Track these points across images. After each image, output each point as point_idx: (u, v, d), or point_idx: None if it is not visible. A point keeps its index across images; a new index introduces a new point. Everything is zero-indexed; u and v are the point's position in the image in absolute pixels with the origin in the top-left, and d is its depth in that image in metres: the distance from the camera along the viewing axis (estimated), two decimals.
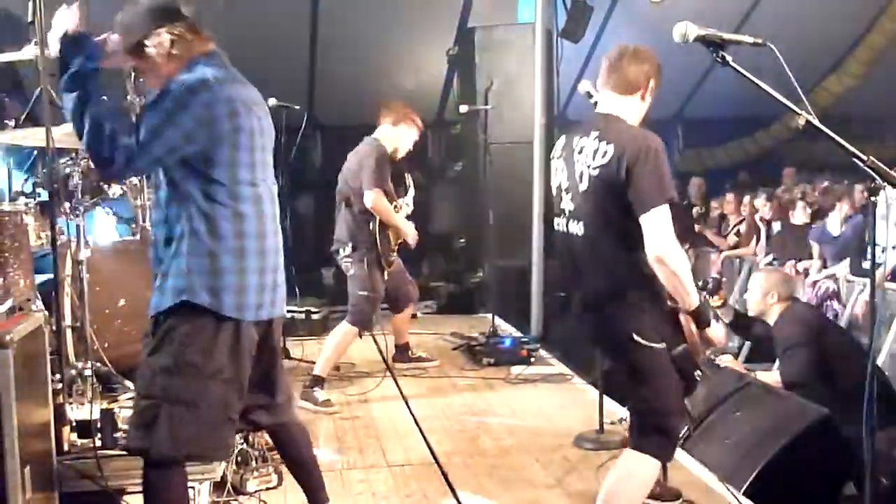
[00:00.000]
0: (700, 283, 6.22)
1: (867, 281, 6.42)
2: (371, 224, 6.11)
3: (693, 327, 3.41)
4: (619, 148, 3.35)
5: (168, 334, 3.12)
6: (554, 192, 3.72)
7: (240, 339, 3.18)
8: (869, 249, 5.27)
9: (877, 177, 2.83)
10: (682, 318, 3.41)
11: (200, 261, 3.08)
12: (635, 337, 3.39)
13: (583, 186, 3.48)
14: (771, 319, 5.96)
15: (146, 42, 3.13)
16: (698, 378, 3.42)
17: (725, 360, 6.30)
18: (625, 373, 3.58)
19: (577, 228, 3.54)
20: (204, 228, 3.08)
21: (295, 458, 3.69)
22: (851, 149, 2.86)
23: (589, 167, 3.44)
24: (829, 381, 5.60)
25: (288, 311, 7.54)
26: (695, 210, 12.23)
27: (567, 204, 3.59)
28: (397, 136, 6.35)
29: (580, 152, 3.51)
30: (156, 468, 3.19)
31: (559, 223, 3.69)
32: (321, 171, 12.90)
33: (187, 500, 3.33)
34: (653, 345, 3.38)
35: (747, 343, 7.66)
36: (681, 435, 3.59)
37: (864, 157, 2.83)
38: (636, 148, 3.33)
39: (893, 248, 7.26)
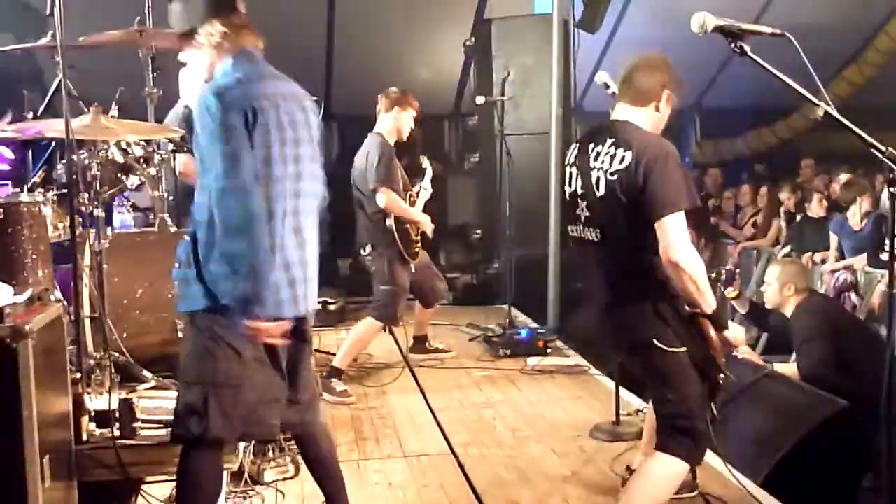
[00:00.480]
0: (714, 274, 6.22)
1: (885, 272, 6.38)
2: (388, 222, 6.10)
3: (712, 330, 3.40)
4: (637, 153, 3.34)
5: (207, 327, 3.21)
6: (568, 198, 3.70)
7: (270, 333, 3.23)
8: (887, 241, 5.25)
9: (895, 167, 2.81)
10: (701, 321, 3.40)
11: (243, 263, 3.10)
12: (656, 342, 3.39)
13: (599, 192, 3.46)
14: (788, 311, 5.94)
15: (200, 31, 3.23)
16: (721, 381, 3.40)
17: (743, 352, 6.28)
18: (648, 377, 3.58)
19: (593, 235, 3.53)
20: None
21: (315, 458, 3.70)
22: (870, 139, 2.85)
23: (606, 172, 3.43)
24: (848, 373, 5.57)
25: None
26: (711, 202, 12.18)
27: (583, 210, 3.58)
28: (395, 121, 6.33)
29: (596, 158, 3.50)
30: (198, 453, 3.27)
31: (574, 230, 3.68)
32: (338, 162, 12.90)
33: (221, 486, 3.43)
34: (674, 349, 3.38)
35: (764, 335, 7.62)
36: (710, 438, 3.57)
37: (883, 148, 2.81)
38: (654, 154, 3.33)
39: None
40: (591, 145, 3.55)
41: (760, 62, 2.93)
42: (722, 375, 3.40)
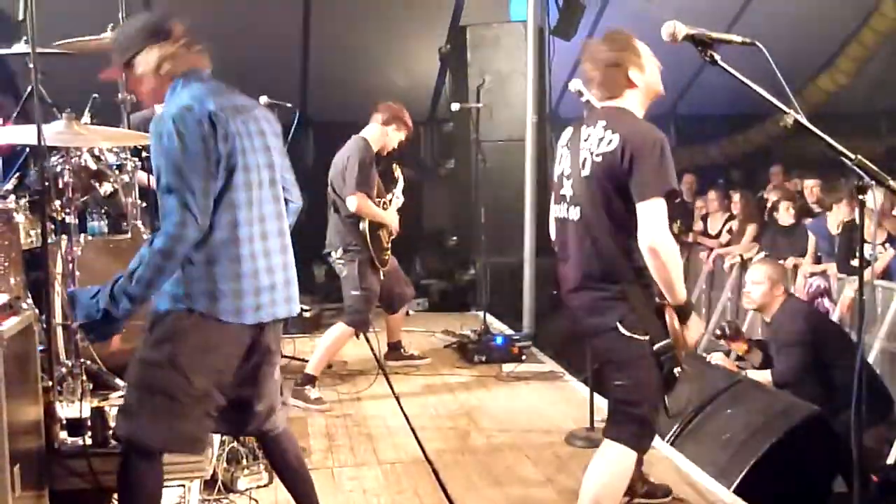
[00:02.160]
0: (718, 332, 6.21)
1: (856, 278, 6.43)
2: (361, 226, 6.10)
3: (676, 323, 3.42)
4: (625, 137, 3.37)
5: (163, 332, 3.21)
6: (555, 179, 3.73)
7: (230, 339, 3.25)
8: (857, 247, 5.29)
9: (865, 175, 2.84)
10: (667, 312, 3.42)
11: (197, 269, 3.16)
12: (619, 327, 3.41)
13: (584, 172, 3.48)
14: (769, 313, 5.97)
15: (136, 59, 3.25)
16: (677, 375, 3.42)
17: (717, 358, 6.31)
18: (606, 361, 3.60)
19: (574, 214, 3.55)
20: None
21: (282, 466, 3.69)
22: (839, 147, 2.87)
23: (592, 153, 3.45)
24: (823, 378, 5.62)
25: None
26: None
27: (567, 190, 3.60)
28: (385, 135, 6.34)
29: (586, 140, 3.52)
30: (134, 457, 3.27)
31: (558, 210, 3.70)
32: (313, 168, 12.88)
33: (159, 496, 3.36)
34: (636, 336, 3.39)
35: None
36: (656, 426, 3.59)
37: (852, 156, 2.84)
38: (641, 139, 3.36)
39: (882, 245, 7.28)
40: (584, 127, 3.58)
41: (731, 71, 2.95)
42: (679, 369, 3.41)
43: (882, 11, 12.68)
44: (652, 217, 3.29)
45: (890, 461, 5.55)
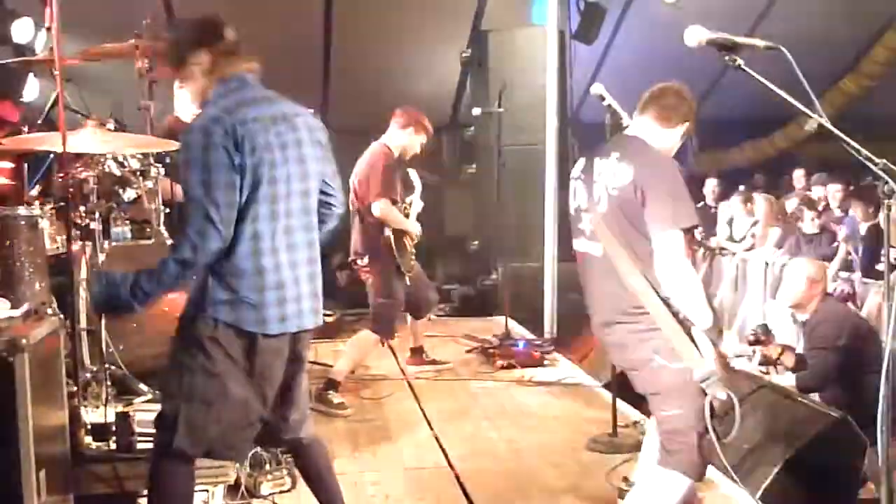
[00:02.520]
0: (750, 337, 6.13)
1: (881, 282, 6.37)
2: (385, 233, 6.10)
3: (710, 345, 3.37)
4: (636, 169, 3.36)
5: (193, 337, 3.24)
6: (572, 212, 3.72)
7: (258, 350, 3.26)
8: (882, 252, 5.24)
9: (889, 180, 2.81)
10: (697, 336, 3.37)
11: (220, 279, 3.19)
12: (656, 358, 3.38)
13: (601, 208, 3.48)
14: (807, 312, 5.91)
15: (189, 59, 3.30)
16: (721, 398, 3.35)
17: (739, 364, 6.26)
18: (649, 393, 3.57)
19: (595, 249, 3.54)
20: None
21: (311, 472, 3.71)
22: (864, 152, 2.84)
23: (607, 188, 3.44)
24: (854, 383, 5.56)
25: None
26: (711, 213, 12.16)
27: (585, 225, 3.59)
28: (405, 139, 6.34)
29: (600, 174, 3.51)
30: (167, 461, 3.29)
31: (578, 245, 3.69)
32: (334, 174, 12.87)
33: (192, 498, 3.39)
34: (673, 365, 3.36)
35: None
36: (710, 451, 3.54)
37: (878, 161, 2.81)
38: (655, 170, 3.36)
39: None
40: (597, 160, 3.56)
41: (755, 75, 2.94)
42: (723, 394, 3.34)
43: None
44: (667, 251, 3.28)
45: None
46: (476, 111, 8.68)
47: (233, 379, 3.24)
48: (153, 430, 3.38)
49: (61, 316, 3.70)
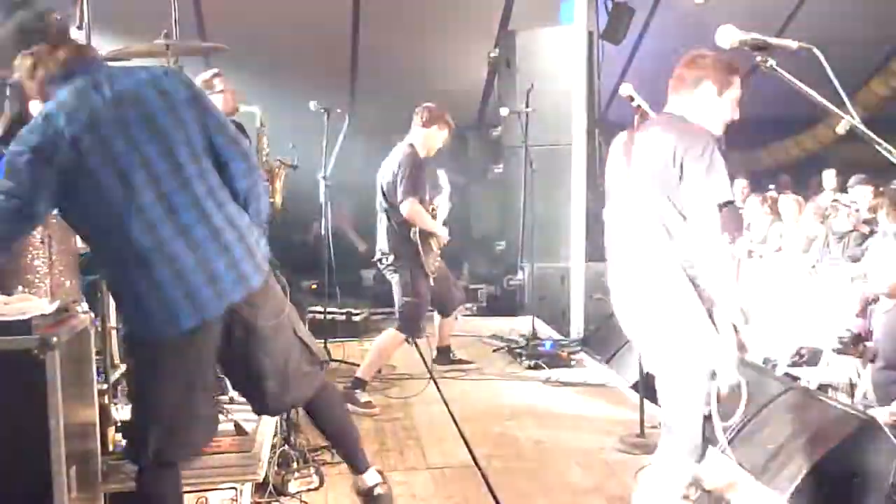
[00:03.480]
0: (839, 345, 6.07)
1: None
2: (413, 234, 6.10)
3: (729, 330, 3.38)
4: (676, 143, 3.35)
5: (124, 344, 3.27)
6: (608, 183, 3.72)
7: (182, 346, 3.13)
8: None
9: None
10: (718, 320, 3.38)
11: (116, 292, 3.19)
12: (672, 334, 3.38)
13: (637, 178, 3.47)
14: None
15: (19, 74, 3.12)
16: (733, 384, 3.38)
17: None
18: (658, 369, 3.57)
19: (627, 220, 3.53)
20: (104, 259, 3.16)
21: (323, 428, 3.73)
22: None
23: (646, 160, 3.44)
24: None
25: (328, 314, 7.67)
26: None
27: (621, 196, 3.59)
28: (428, 136, 6.33)
29: (641, 145, 3.51)
30: (144, 470, 3.26)
31: (611, 215, 3.69)
32: (361, 173, 12.94)
33: (179, 500, 3.38)
34: (688, 343, 3.36)
35: None
36: (708, 435, 3.56)
37: None
38: (693, 143, 3.34)
39: None
40: (637, 133, 3.57)
41: (788, 77, 2.92)
42: (735, 379, 3.37)
43: None
44: (703, 226, 3.27)
45: None
46: (503, 111, 8.67)
47: (162, 378, 3.14)
48: None
49: (91, 314, 3.72)
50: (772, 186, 13.08)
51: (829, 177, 12.22)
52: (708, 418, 3.44)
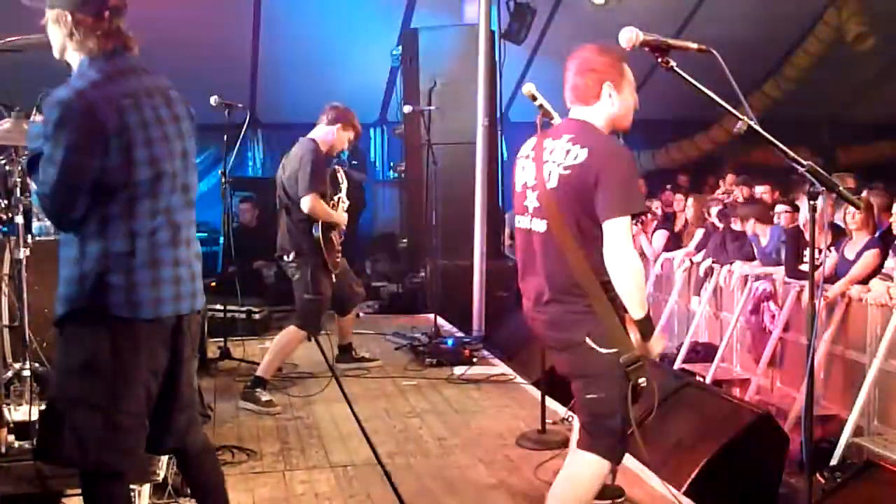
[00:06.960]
0: None
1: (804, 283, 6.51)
2: (314, 230, 6.06)
3: (639, 336, 3.44)
4: (591, 153, 3.37)
5: (70, 338, 3.04)
6: (518, 189, 3.72)
7: (137, 337, 3.03)
8: (807, 252, 5.35)
9: (815, 182, 2.89)
10: (630, 325, 3.44)
11: (90, 263, 2.98)
12: (587, 341, 3.42)
13: (550, 184, 3.48)
14: None
15: (48, 10, 3.07)
16: (643, 386, 3.44)
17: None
18: (575, 376, 3.60)
19: (539, 226, 3.55)
20: (94, 229, 2.99)
21: (200, 486, 3.44)
22: (791, 153, 2.92)
23: (559, 166, 3.46)
24: None
25: (229, 312, 7.57)
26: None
27: (532, 202, 3.60)
28: (333, 135, 6.30)
29: (550, 152, 3.52)
30: (91, 479, 3.07)
31: (521, 221, 3.70)
32: (262, 169, 12.87)
33: None
34: (604, 350, 3.40)
35: None
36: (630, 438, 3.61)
37: (804, 163, 2.89)
38: (609, 155, 3.38)
39: (828, 249, 7.39)
40: (547, 140, 3.58)
41: (688, 78, 2.99)
42: (644, 380, 3.43)
43: (826, 20, 12.90)
44: (616, 235, 3.32)
45: (833, 462, 5.67)
46: (406, 109, 8.69)
47: (122, 375, 2.99)
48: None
49: None
50: (668, 187, 13.36)
51: (730, 179, 12.46)
52: (625, 420, 3.48)
